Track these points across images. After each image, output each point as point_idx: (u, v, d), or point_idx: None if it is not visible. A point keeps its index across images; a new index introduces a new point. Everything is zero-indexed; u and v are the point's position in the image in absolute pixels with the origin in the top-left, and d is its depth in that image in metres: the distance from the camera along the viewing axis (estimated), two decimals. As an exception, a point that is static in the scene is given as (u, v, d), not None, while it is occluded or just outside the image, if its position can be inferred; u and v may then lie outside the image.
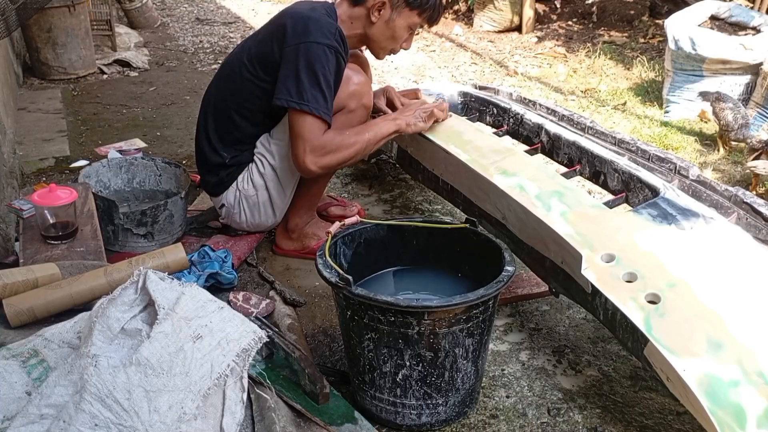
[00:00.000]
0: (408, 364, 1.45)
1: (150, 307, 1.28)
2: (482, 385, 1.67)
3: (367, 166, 2.91)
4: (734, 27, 3.59)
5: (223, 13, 6.40)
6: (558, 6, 5.69)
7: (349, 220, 1.68)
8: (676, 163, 1.94)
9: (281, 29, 1.96)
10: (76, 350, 1.26)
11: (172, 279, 1.34)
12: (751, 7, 3.95)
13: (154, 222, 2.16)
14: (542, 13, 5.66)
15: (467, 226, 1.67)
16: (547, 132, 2.20)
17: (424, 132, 2.16)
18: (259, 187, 2.13)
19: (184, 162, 2.94)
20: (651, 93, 3.92)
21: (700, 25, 3.54)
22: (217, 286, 2.00)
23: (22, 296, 1.47)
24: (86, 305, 1.48)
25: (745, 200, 1.74)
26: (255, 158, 2.11)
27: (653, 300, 1.43)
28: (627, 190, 1.91)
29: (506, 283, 1.45)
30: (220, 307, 1.31)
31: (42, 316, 1.47)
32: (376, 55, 2.18)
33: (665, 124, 3.48)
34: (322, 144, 1.94)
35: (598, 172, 2.01)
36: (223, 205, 2.19)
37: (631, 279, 1.49)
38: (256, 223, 2.21)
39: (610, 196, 1.95)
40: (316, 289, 2.10)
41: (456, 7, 5.92)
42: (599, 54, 4.59)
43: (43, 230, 1.78)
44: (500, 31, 5.42)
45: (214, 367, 1.23)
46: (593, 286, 1.54)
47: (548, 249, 1.73)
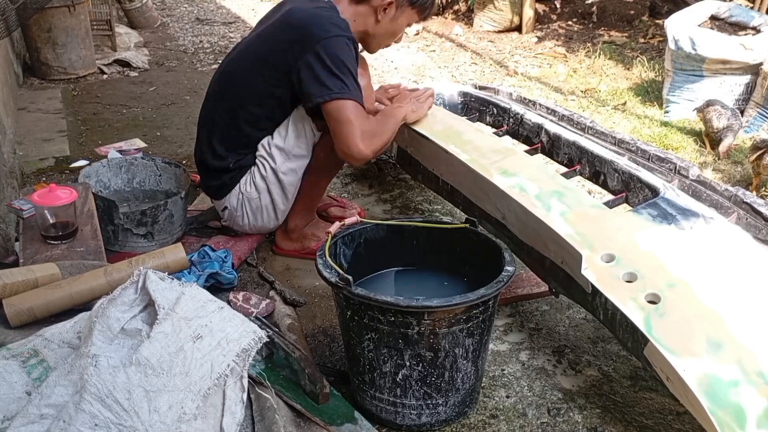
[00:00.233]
0: (408, 364, 1.45)
1: (150, 307, 1.28)
2: (482, 385, 1.67)
3: (367, 166, 2.91)
4: (734, 27, 3.59)
5: (223, 13, 6.40)
6: (558, 6, 5.68)
7: (349, 220, 1.68)
8: (676, 163, 1.94)
9: (295, 32, 1.96)
10: (76, 350, 1.26)
11: (172, 279, 1.33)
12: (751, 7, 3.94)
13: (154, 222, 2.16)
14: (542, 13, 5.66)
15: (467, 226, 1.67)
16: (547, 132, 2.20)
17: (423, 132, 2.17)
18: (262, 190, 2.12)
19: (184, 162, 2.94)
20: (651, 93, 3.92)
21: (700, 25, 3.54)
22: (217, 286, 2.00)
23: (22, 296, 1.47)
24: (86, 305, 1.47)
25: (745, 200, 1.74)
26: (257, 161, 2.11)
27: (653, 300, 1.43)
28: (627, 190, 1.91)
29: (506, 283, 1.45)
30: (220, 307, 1.31)
31: (42, 316, 1.47)
32: (371, 51, 2.22)
33: (665, 124, 3.48)
34: (370, 128, 1.96)
35: (598, 172, 2.01)
36: (226, 207, 2.18)
37: (631, 279, 1.49)
38: (259, 225, 2.21)
39: (610, 196, 1.95)
40: (316, 289, 2.10)
41: (456, 7, 5.92)
42: (599, 54, 4.59)
43: (43, 230, 1.78)
44: (500, 31, 5.41)
45: (214, 367, 1.23)
46: (593, 286, 1.54)
47: (548, 249, 1.73)
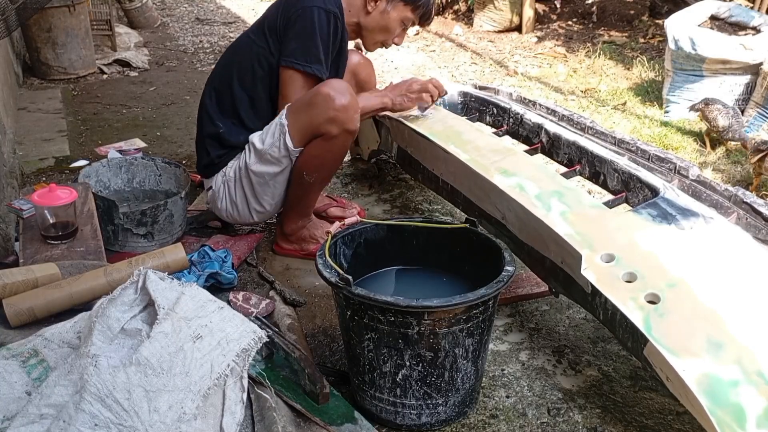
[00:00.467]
0: (408, 364, 1.45)
1: (150, 307, 1.28)
2: (482, 385, 1.67)
3: (367, 166, 2.91)
4: (734, 27, 3.59)
5: (223, 13, 6.40)
6: (558, 6, 5.68)
7: (349, 220, 1.69)
8: (676, 163, 1.94)
9: (289, 1, 2.05)
10: (76, 350, 1.26)
11: (172, 279, 1.33)
12: (751, 7, 3.94)
13: (154, 222, 2.16)
14: (542, 13, 5.66)
15: (467, 226, 1.67)
16: (547, 132, 2.20)
17: (423, 132, 2.17)
18: (236, 181, 2.12)
19: (184, 162, 2.94)
20: (651, 93, 3.92)
21: (700, 25, 3.54)
22: (217, 286, 2.00)
23: (22, 296, 1.47)
24: (86, 305, 1.47)
25: (745, 200, 1.74)
26: (244, 150, 2.10)
27: (653, 300, 1.43)
28: (627, 190, 1.91)
29: (506, 283, 1.45)
30: (220, 307, 1.31)
31: (42, 316, 1.47)
32: (368, 48, 2.26)
33: (665, 124, 3.48)
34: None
35: (597, 172, 2.01)
36: (211, 188, 2.20)
37: (631, 279, 1.49)
38: (234, 216, 2.20)
39: (610, 196, 1.95)
40: (316, 289, 2.10)
41: (456, 7, 5.92)
42: (599, 54, 4.59)
43: (43, 230, 1.78)
44: (500, 31, 5.41)
45: (214, 367, 1.23)
46: (593, 286, 1.54)
47: (548, 249, 1.73)
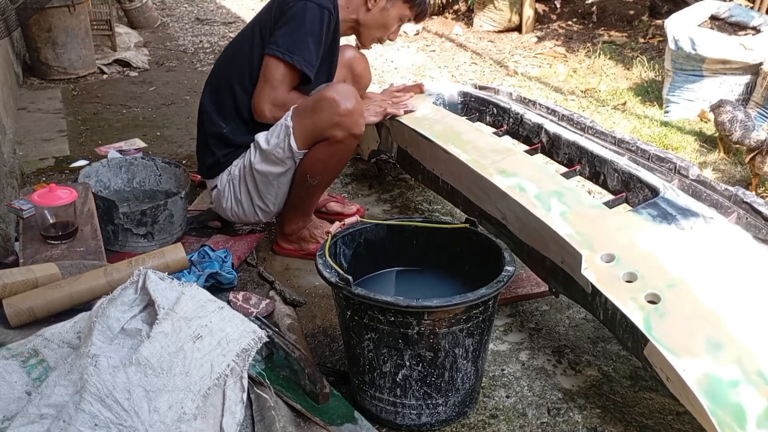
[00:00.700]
0: (408, 364, 1.45)
1: (150, 307, 1.28)
2: (482, 385, 1.67)
3: (367, 166, 2.91)
4: (734, 27, 3.59)
5: (223, 13, 6.40)
6: (558, 6, 5.68)
7: (349, 220, 1.68)
8: (676, 163, 1.94)
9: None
10: (76, 350, 1.26)
11: (172, 279, 1.33)
12: (751, 7, 3.94)
13: (154, 222, 2.16)
14: (542, 13, 5.66)
15: (467, 226, 1.67)
16: (547, 132, 2.20)
17: (423, 132, 2.18)
18: (240, 179, 2.12)
19: (184, 162, 2.94)
20: (651, 93, 3.92)
21: (700, 25, 3.54)
22: (217, 286, 2.00)
23: (22, 296, 1.47)
24: (86, 305, 1.47)
25: (745, 200, 1.74)
26: (250, 148, 2.10)
27: (653, 300, 1.43)
28: (627, 190, 1.91)
29: (506, 283, 1.45)
30: (220, 307, 1.31)
31: (42, 316, 1.47)
32: (365, 44, 2.28)
33: (665, 124, 3.48)
34: (287, 99, 2.03)
35: (597, 172, 2.01)
36: (216, 187, 2.19)
37: (631, 279, 1.49)
38: (239, 215, 2.19)
39: (610, 196, 1.95)
40: (316, 289, 2.10)
41: (456, 7, 5.92)
42: (599, 54, 4.59)
43: (43, 230, 1.78)
44: (500, 31, 5.41)
45: (214, 367, 1.23)
46: (593, 286, 1.54)
47: (548, 249, 1.73)
